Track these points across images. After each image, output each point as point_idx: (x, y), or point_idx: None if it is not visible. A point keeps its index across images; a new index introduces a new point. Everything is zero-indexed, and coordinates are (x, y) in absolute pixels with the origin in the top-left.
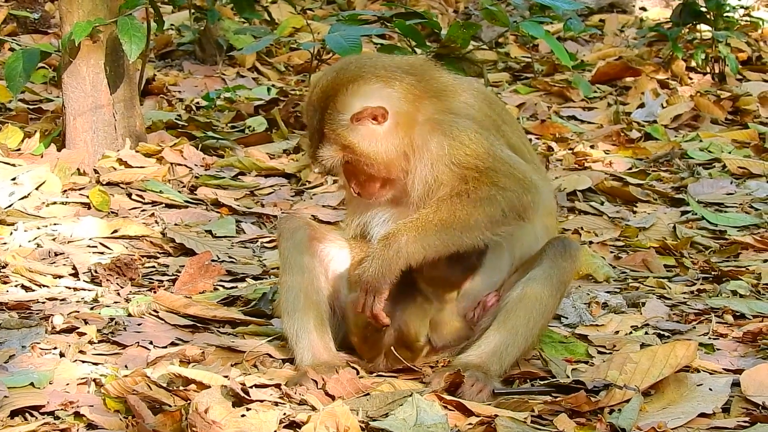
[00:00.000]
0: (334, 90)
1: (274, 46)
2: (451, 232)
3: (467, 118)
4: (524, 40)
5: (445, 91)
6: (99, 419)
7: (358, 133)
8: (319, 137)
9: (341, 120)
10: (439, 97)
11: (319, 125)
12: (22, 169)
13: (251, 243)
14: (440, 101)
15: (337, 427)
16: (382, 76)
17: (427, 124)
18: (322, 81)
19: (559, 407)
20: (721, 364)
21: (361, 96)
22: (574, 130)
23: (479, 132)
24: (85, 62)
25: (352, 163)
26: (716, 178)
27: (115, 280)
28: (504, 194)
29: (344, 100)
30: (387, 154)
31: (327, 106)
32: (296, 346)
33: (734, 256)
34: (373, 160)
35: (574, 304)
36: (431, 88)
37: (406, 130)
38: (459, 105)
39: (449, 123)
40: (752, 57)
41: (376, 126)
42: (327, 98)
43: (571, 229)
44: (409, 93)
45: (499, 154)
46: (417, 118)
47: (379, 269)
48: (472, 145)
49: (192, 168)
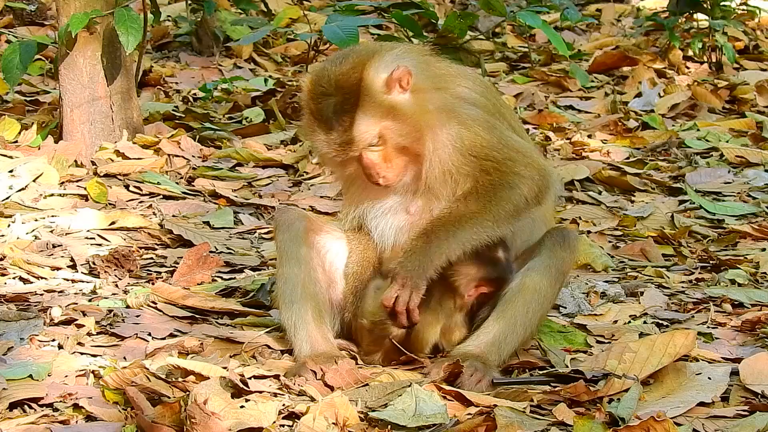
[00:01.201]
0: (360, 65)
1: (271, 36)
2: (484, 224)
3: (477, 107)
4: (521, 30)
5: (450, 76)
6: (98, 411)
7: (392, 98)
8: (351, 116)
9: (375, 89)
10: (446, 82)
11: (350, 103)
12: (20, 161)
13: (249, 234)
14: (448, 87)
15: (336, 417)
16: (397, 49)
17: (442, 111)
18: (336, 66)
19: (558, 397)
20: (719, 353)
21: (386, 64)
22: (571, 120)
23: (489, 120)
24: (82, 54)
25: (385, 137)
26: (714, 167)
27: (114, 271)
28: (524, 182)
29: (372, 72)
30: (421, 117)
31: (356, 82)
32: (294, 337)
33: (732, 245)
34: (410, 124)
35: (572, 294)
36: (437, 73)
37: (423, 104)
38: (466, 92)
39: (462, 112)
40: (749, 46)
41: (403, 93)
42: (352, 76)
43: (569, 218)
44: (421, 70)
45: (512, 142)
46: (430, 98)
47: (420, 264)
48: (486, 135)
49: (189, 159)
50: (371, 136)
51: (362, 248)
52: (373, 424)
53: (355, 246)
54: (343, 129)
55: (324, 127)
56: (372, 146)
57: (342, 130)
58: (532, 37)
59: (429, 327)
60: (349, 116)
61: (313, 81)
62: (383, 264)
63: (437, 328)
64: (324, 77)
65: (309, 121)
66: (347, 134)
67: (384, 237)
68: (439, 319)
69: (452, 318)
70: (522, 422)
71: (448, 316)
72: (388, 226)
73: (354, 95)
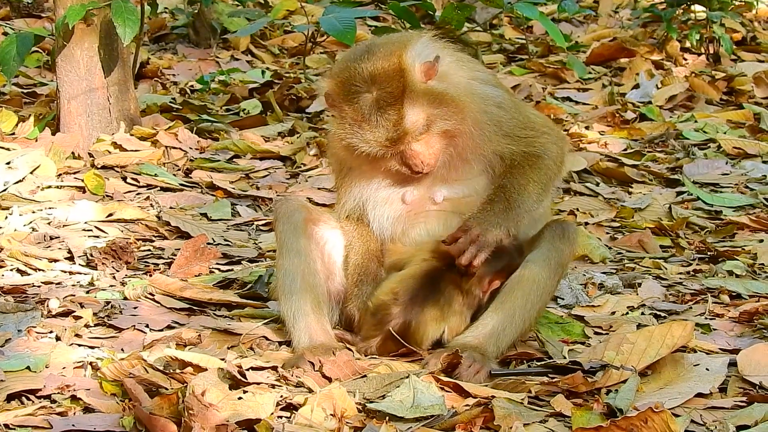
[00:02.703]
0: (396, 57)
1: (268, 28)
2: (537, 192)
3: (495, 86)
4: (518, 22)
5: (462, 60)
6: (95, 402)
7: (431, 85)
8: (398, 109)
9: (415, 79)
10: (464, 65)
11: (394, 96)
12: (17, 153)
13: (247, 226)
14: (467, 69)
15: (334, 409)
16: (422, 37)
17: (470, 92)
18: (367, 63)
19: (556, 388)
20: (717, 344)
21: (419, 53)
22: (569, 112)
23: (509, 97)
24: (79, 46)
25: (430, 124)
26: (711, 159)
27: (111, 263)
28: (551, 148)
29: (410, 63)
30: (458, 99)
31: (397, 75)
32: (293, 328)
33: (730, 236)
34: (451, 108)
35: (570, 285)
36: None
37: (455, 87)
38: (482, 74)
39: (487, 91)
40: (747, 37)
41: (436, 79)
42: (390, 69)
43: (566, 210)
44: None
45: (530, 115)
46: (458, 81)
47: (498, 226)
48: (512, 110)
49: (187, 151)
50: (420, 126)
51: (363, 239)
52: (370, 416)
53: (355, 237)
54: (391, 124)
55: (368, 125)
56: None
57: (390, 125)
58: (529, 29)
59: (433, 324)
60: (396, 110)
61: (342, 82)
62: (385, 255)
63: (440, 327)
64: (356, 75)
65: (345, 123)
66: (396, 129)
67: (382, 227)
68: (444, 318)
69: (461, 316)
70: (520, 413)
71: (455, 313)
72: (385, 216)
73: (397, 88)
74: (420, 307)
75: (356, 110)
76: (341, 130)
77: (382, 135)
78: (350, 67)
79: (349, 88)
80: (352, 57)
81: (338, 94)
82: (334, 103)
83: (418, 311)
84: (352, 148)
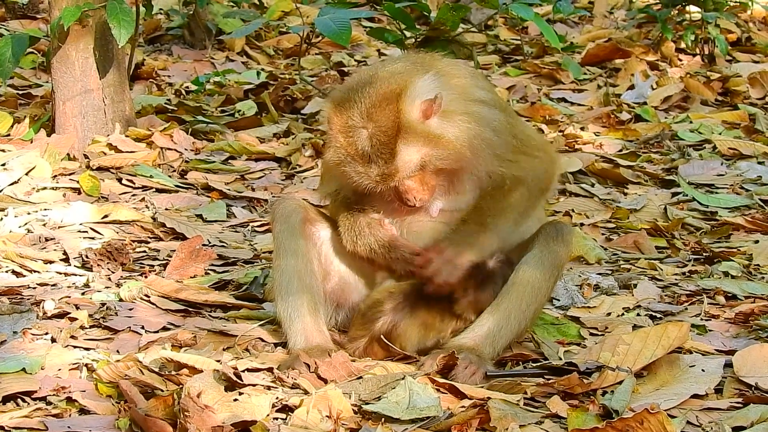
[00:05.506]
0: (393, 96)
1: (263, 29)
2: (510, 221)
3: (496, 108)
4: (513, 23)
5: (467, 85)
6: (91, 404)
7: (428, 125)
8: (391, 148)
9: (412, 119)
10: (466, 91)
11: (388, 135)
12: (12, 155)
13: (242, 227)
14: (469, 95)
15: (330, 410)
16: (425, 73)
17: (471, 122)
18: (365, 98)
19: (552, 389)
20: (713, 345)
21: (419, 92)
22: (564, 112)
23: (508, 121)
24: (74, 47)
25: (425, 164)
26: (707, 159)
27: (106, 265)
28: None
29: (408, 103)
30: (456, 138)
31: (393, 115)
32: (289, 329)
33: (725, 237)
34: (448, 148)
35: (565, 286)
36: (458, 84)
37: (455, 123)
38: (483, 94)
39: (489, 119)
40: (742, 38)
41: (435, 117)
42: (387, 108)
43: (562, 211)
44: (447, 89)
45: (526, 138)
46: (460, 115)
47: (469, 245)
48: (509, 136)
49: (182, 152)
50: (413, 166)
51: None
52: (366, 417)
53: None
54: (383, 161)
55: (360, 160)
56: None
57: (382, 163)
58: (524, 30)
59: (415, 335)
60: (389, 149)
61: (341, 114)
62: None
63: (423, 342)
64: (354, 110)
65: (341, 154)
66: (388, 166)
67: None
68: (429, 334)
69: (446, 326)
70: (516, 415)
71: (440, 328)
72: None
73: (392, 128)
74: (410, 310)
75: (351, 144)
76: (336, 158)
77: (374, 171)
78: (350, 98)
79: (346, 120)
80: (355, 86)
81: (336, 124)
82: (332, 130)
83: (407, 314)
84: (346, 176)
